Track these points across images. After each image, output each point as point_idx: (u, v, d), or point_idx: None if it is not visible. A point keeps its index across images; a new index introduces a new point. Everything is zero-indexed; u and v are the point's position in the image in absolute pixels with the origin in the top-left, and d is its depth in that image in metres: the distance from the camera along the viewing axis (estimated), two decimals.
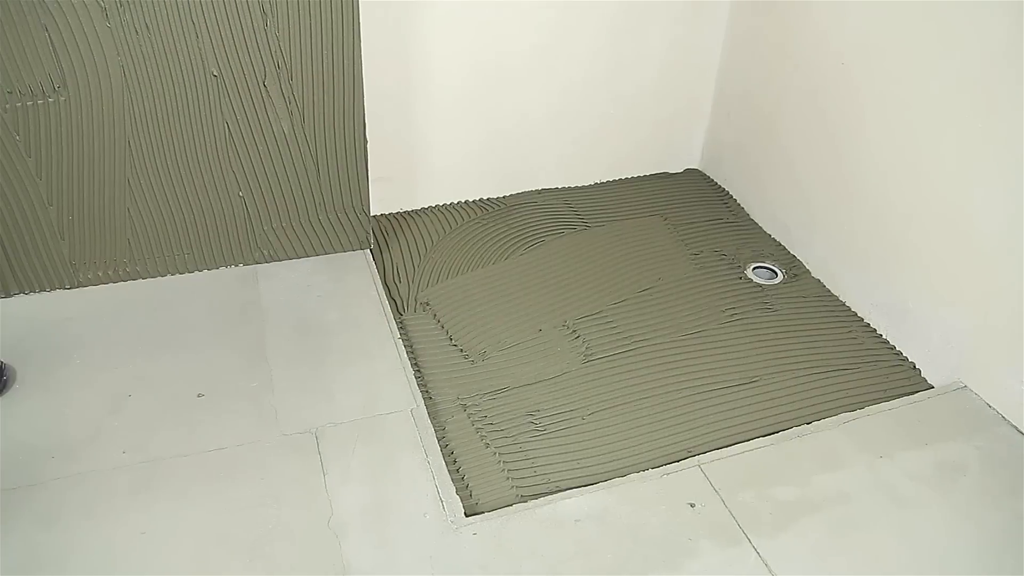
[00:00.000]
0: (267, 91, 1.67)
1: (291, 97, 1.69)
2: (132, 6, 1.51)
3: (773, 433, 1.54)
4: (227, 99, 1.66)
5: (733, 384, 1.67)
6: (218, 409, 1.52)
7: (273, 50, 1.63)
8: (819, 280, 1.99)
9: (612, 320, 1.83)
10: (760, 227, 2.20)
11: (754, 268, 2.04)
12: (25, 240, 1.69)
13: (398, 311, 1.82)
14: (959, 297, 1.62)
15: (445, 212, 2.18)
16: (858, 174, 1.82)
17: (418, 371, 1.66)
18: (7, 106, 1.54)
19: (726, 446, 1.51)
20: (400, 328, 1.75)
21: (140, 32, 1.54)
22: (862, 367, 1.74)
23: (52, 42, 1.51)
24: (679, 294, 1.93)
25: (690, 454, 1.50)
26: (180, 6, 1.53)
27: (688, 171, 2.45)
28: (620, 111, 2.24)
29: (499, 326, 1.80)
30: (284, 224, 1.86)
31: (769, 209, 2.18)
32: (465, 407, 1.59)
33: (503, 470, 1.46)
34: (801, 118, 1.98)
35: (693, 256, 2.06)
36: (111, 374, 1.59)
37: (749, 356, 1.75)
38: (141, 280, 1.82)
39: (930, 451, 1.49)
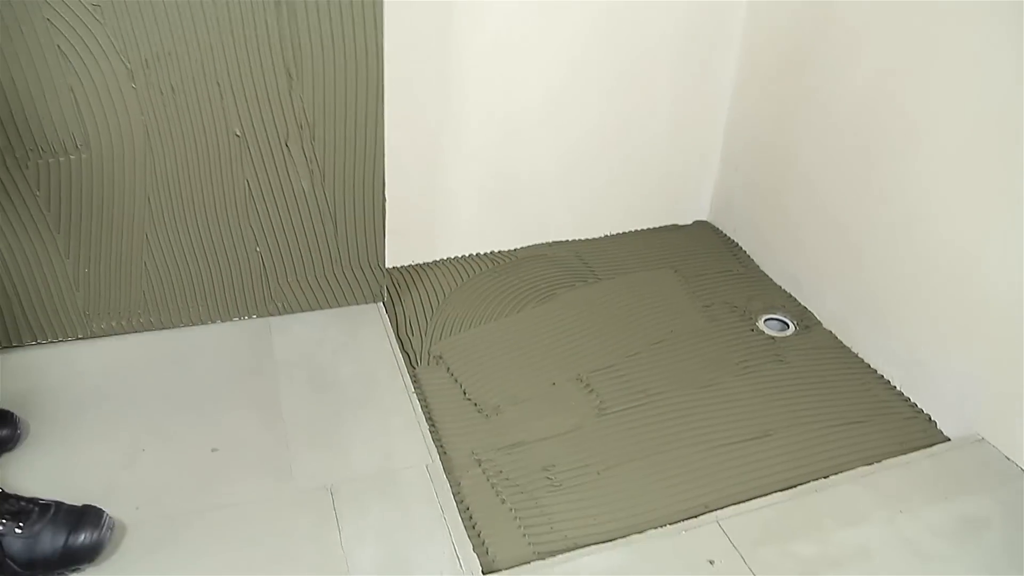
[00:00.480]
0: (289, 151, 1.69)
1: (312, 157, 1.71)
2: (158, 67, 1.53)
3: (791, 487, 1.53)
4: (248, 158, 1.68)
5: (748, 437, 1.67)
6: (232, 464, 1.51)
7: (296, 111, 1.65)
8: (831, 332, 2.00)
9: (625, 373, 1.83)
10: (770, 278, 2.21)
11: (765, 320, 2.04)
12: (40, 291, 1.70)
13: (411, 364, 1.82)
14: (974, 348, 1.62)
15: (457, 265, 2.19)
16: (869, 225, 1.83)
17: (432, 425, 1.65)
18: (28, 163, 1.55)
19: (744, 501, 1.50)
20: (414, 382, 1.75)
21: (165, 93, 1.56)
22: (877, 419, 1.73)
23: (77, 102, 1.52)
24: (691, 346, 1.93)
25: (708, 509, 1.48)
26: (206, 68, 1.55)
27: (697, 223, 2.46)
28: (629, 164, 2.27)
29: (513, 379, 1.79)
30: (300, 278, 1.87)
31: (779, 260, 2.19)
32: (480, 462, 1.58)
33: (520, 527, 1.44)
34: (810, 170, 2.00)
35: (704, 308, 2.07)
36: (124, 428, 1.58)
37: (763, 409, 1.74)
38: (154, 331, 1.83)
39: (951, 505, 1.48)
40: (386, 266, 1.93)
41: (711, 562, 1.36)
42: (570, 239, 2.34)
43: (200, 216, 1.72)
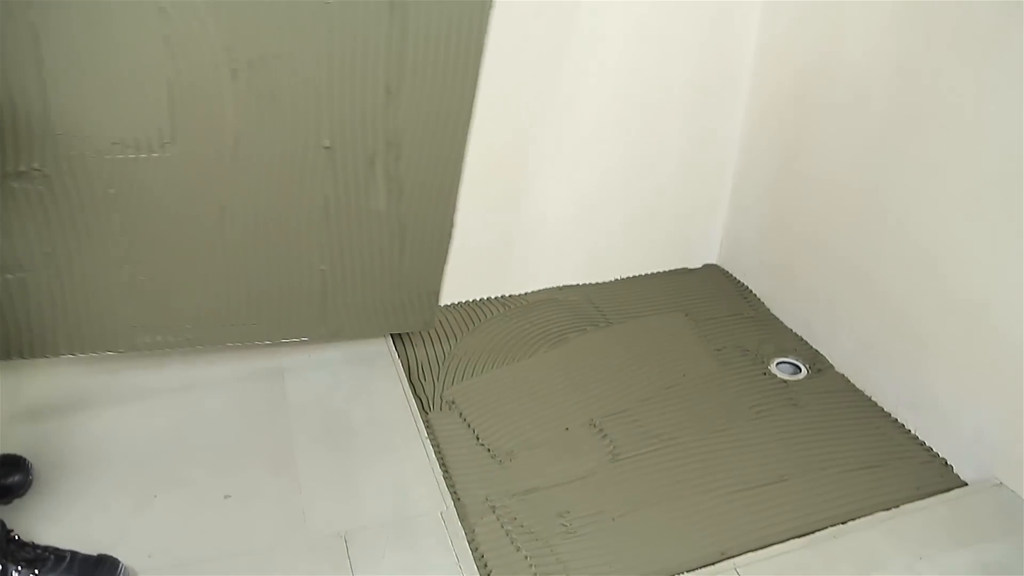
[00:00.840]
0: (373, 168, 1.63)
1: (394, 176, 1.65)
2: (262, 70, 1.45)
3: (808, 534, 1.52)
4: (332, 172, 1.61)
5: (764, 483, 1.65)
6: (246, 511, 1.51)
7: (388, 128, 1.59)
8: (843, 375, 1.99)
9: (638, 418, 1.82)
10: (781, 322, 2.21)
11: (778, 363, 2.04)
12: (89, 298, 1.61)
13: (424, 410, 1.82)
14: (989, 391, 1.62)
15: (468, 309, 2.20)
16: (880, 268, 1.84)
17: (446, 471, 1.64)
18: (107, 157, 1.46)
19: (761, 547, 1.48)
20: (427, 427, 1.74)
21: (263, 98, 1.48)
22: (893, 464, 1.72)
23: (172, 97, 1.44)
24: (704, 391, 1.92)
25: (725, 556, 1.47)
26: (309, 75, 1.48)
27: (707, 266, 2.47)
28: (640, 208, 2.29)
29: (525, 425, 1.79)
30: (356, 300, 1.81)
31: (789, 303, 2.19)
32: (494, 508, 1.57)
33: (535, 575, 1.43)
34: (819, 214, 2.01)
35: (716, 352, 2.07)
36: (137, 473, 1.58)
37: (778, 454, 1.73)
38: (177, 360, 1.81)
39: (971, 551, 1.46)
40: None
41: None
42: (581, 283, 2.34)
43: (271, 229, 1.64)
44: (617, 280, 2.38)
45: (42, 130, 1.40)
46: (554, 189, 2.16)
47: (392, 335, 1.96)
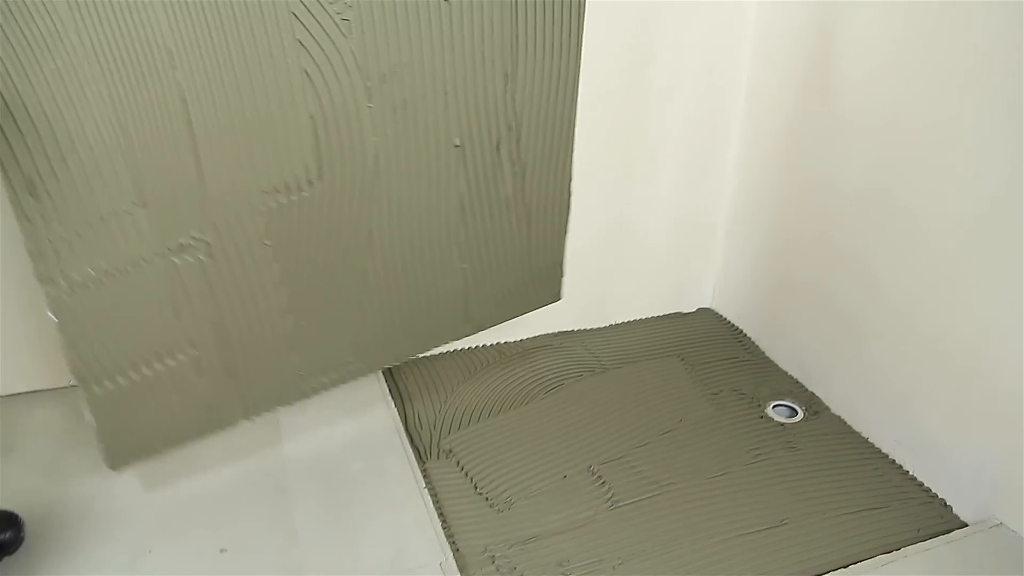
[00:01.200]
0: (499, 155, 1.60)
1: (517, 159, 1.63)
2: (392, 82, 1.41)
3: None
4: (463, 168, 1.58)
5: (764, 527, 1.65)
6: (242, 565, 1.49)
7: (508, 113, 1.57)
8: (840, 417, 1.99)
9: (636, 464, 1.82)
10: (776, 364, 2.21)
11: (774, 406, 2.04)
12: (258, 358, 1.50)
13: (421, 459, 1.81)
14: (986, 430, 1.62)
15: (464, 356, 2.20)
16: (873, 311, 1.85)
17: (444, 521, 1.63)
18: (261, 208, 1.39)
19: None
20: (424, 477, 1.73)
21: (396, 109, 1.44)
22: (892, 505, 1.71)
23: (316, 130, 1.38)
24: (701, 435, 1.92)
25: None
26: (435, 75, 1.45)
27: (701, 310, 2.48)
28: (633, 253, 2.30)
29: (523, 473, 1.78)
30: (495, 289, 1.77)
31: (784, 346, 2.20)
32: (494, 558, 1.55)
33: None
34: (812, 255, 2.03)
35: (712, 396, 2.07)
36: (130, 527, 1.56)
37: (777, 498, 1.73)
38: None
39: None
40: (394, 362, 1.90)
41: None
42: (576, 329, 2.35)
43: (415, 240, 1.60)
44: (612, 325, 2.39)
45: (198, 195, 1.32)
46: None
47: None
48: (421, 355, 2.10)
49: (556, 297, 1.93)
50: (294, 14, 1.27)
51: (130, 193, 1.25)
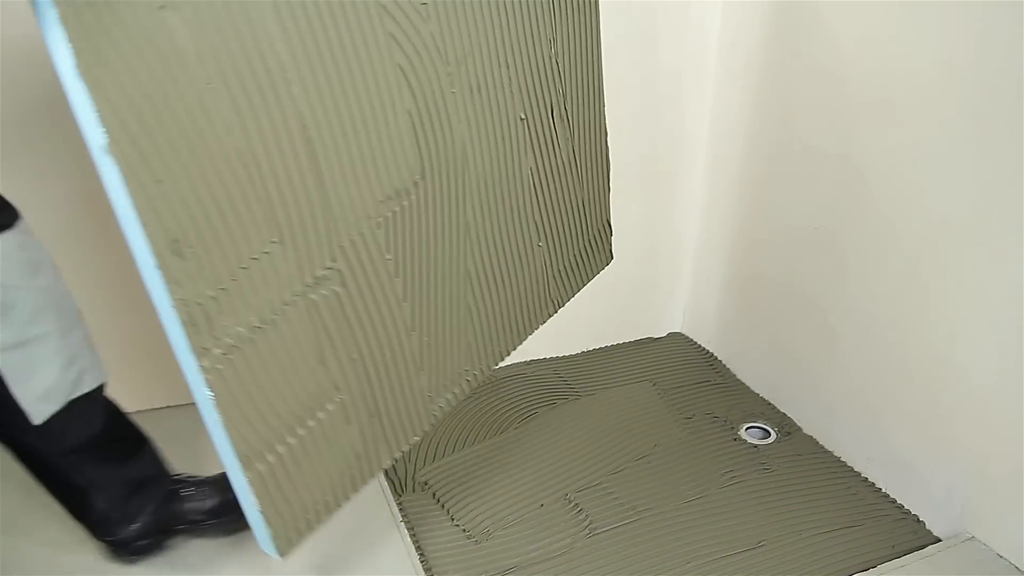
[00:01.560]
0: (555, 123, 1.54)
1: (569, 123, 1.58)
2: (467, 62, 1.33)
3: None
4: (529, 142, 1.51)
5: (741, 549, 1.65)
6: None
7: (556, 78, 1.52)
8: (812, 437, 2.01)
9: (612, 490, 1.82)
10: (747, 387, 2.23)
11: (747, 428, 2.05)
12: (392, 387, 1.35)
13: (397, 492, 1.80)
14: (957, 446, 1.64)
15: None
16: (843, 331, 1.88)
17: (422, 555, 1.62)
18: (379, 219, 1.26)
19: None
20: (401, 511, 1.72)
21: (473, 91, 1.36)
22: (866, 523, 1.73)
23: (415, 127, 1.28)
24: (676, 460, 1.93)
25: None
26: (496, 49, 1.38)
27: (672, 335, 2.50)
28: (603, 279, 2.31)
29: (500, 503, 1.77)
30: (565, 261, 1.70)
31: (755, 368, 2.22)
32: None
33: None
34: (780, 278, 2.06)
35: (686, 420, 2.08)
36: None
37: (753, 519, 1.73)
38: None
39: None
40: None
41: None
42: (547, 357, 2.36)
43: (504, 227, 1.50)
44: (583, 352, 2.40)
45: (325, 218, 1.19)
46: None
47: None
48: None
49: (609, 258, 1.83)
50: (383, 6, 1.17)
51: (265, 230, 1.10)
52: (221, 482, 1.52)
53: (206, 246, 1.02)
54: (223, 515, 1.55)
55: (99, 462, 1.44)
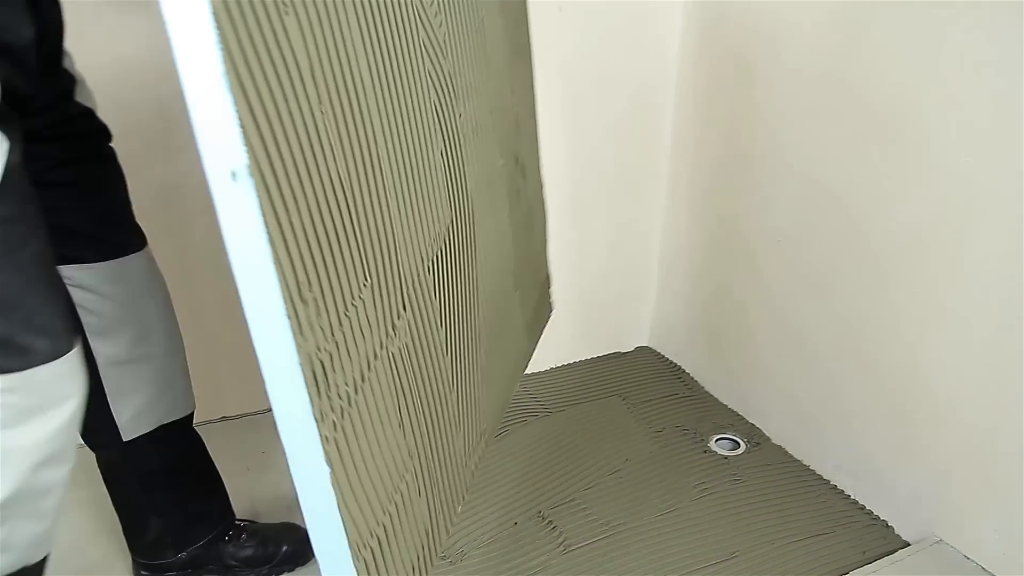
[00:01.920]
0: (519, 170, 1.53)
1: (524, 171, 1.58)
2: (470, 103, 1.28)
3: None
4: (507, 188, 1.49)
5: (715, 561, 1.66)
6: None
7: (515, 120, 1.53)
8: (781, 446, 2.03)
9: (585, 506, 1.82)
10: (716, 398, 2.25)
11: (716, 440, 2.07)
12: (440, 450, 1.21)
13: None
14: (922, 451, 1.67)
15: None
16: (809, 339, 1.90)
17: None
18: (427, 262, 1.14)
19: None
20: None
21: (476, 133, 1.31)
22: (836, 531, 1.75)
23: (447, 166, 1.19)
24: (648, 473, 1.93)
25: None
26: (485, 91, 1.36)
27: (639, 349, 2.52)
28: (569, 295, 2.32)
29: (474, 522, 1.76)
30: (528, 312, 1.66)
31: (723, 380, 2.24)
32: None
33: None
34: (746, 290, 2.09)
35: (656, 434, 2.09)
36: None
37: (726, 531, 1.74)
38: None
39: None
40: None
41: None
42: None
43: (495, 279, 1.46)
44: (552, 369, 2.40)
45: (397, 258, 1.06)
46: None
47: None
48: None
49: (550, 310, 1.79)
50: (424, 46, 1.08)
51: (360, 270, 0.96)
52: (261, 532, 1.55)
53: (321, 290, 0.87)
54: (256, 566, 1.54)
55: (170, 489, 1.42)
